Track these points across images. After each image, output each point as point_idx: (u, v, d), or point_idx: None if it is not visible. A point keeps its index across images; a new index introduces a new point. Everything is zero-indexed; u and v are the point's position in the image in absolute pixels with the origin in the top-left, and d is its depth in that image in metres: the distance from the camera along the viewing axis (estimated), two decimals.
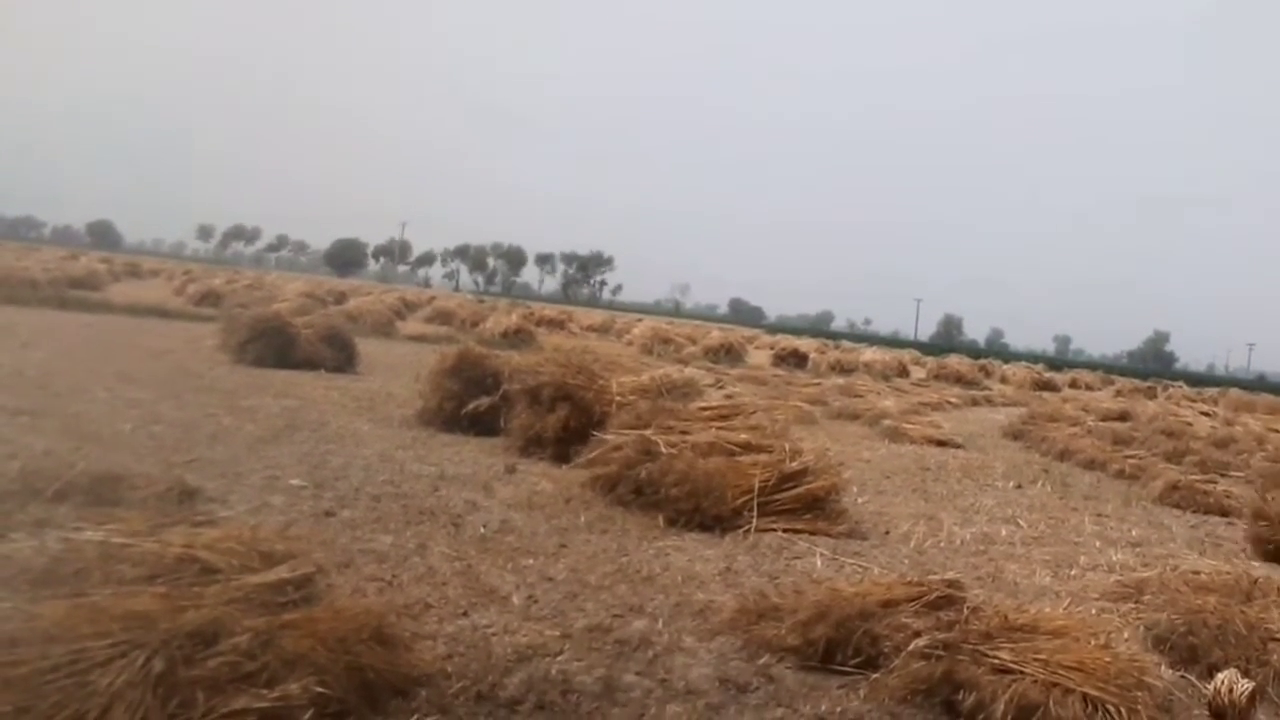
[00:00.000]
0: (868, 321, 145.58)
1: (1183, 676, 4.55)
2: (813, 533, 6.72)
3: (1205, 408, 31.77)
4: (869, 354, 38.28)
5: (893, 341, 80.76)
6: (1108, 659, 4.04)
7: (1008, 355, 75.22)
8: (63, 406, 8.40)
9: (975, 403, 24.29)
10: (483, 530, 5.99)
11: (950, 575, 5.26)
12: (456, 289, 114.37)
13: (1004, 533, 7.72)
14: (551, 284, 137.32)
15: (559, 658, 4.04)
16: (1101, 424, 17.98)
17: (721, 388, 9.87)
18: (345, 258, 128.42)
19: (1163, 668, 4.59)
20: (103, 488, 5.38)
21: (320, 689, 3.15)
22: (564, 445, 8.52)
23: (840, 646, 4.26)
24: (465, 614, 4.44)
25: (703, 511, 6.66)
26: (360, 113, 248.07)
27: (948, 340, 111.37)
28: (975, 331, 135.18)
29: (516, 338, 23.35)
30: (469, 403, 9.84)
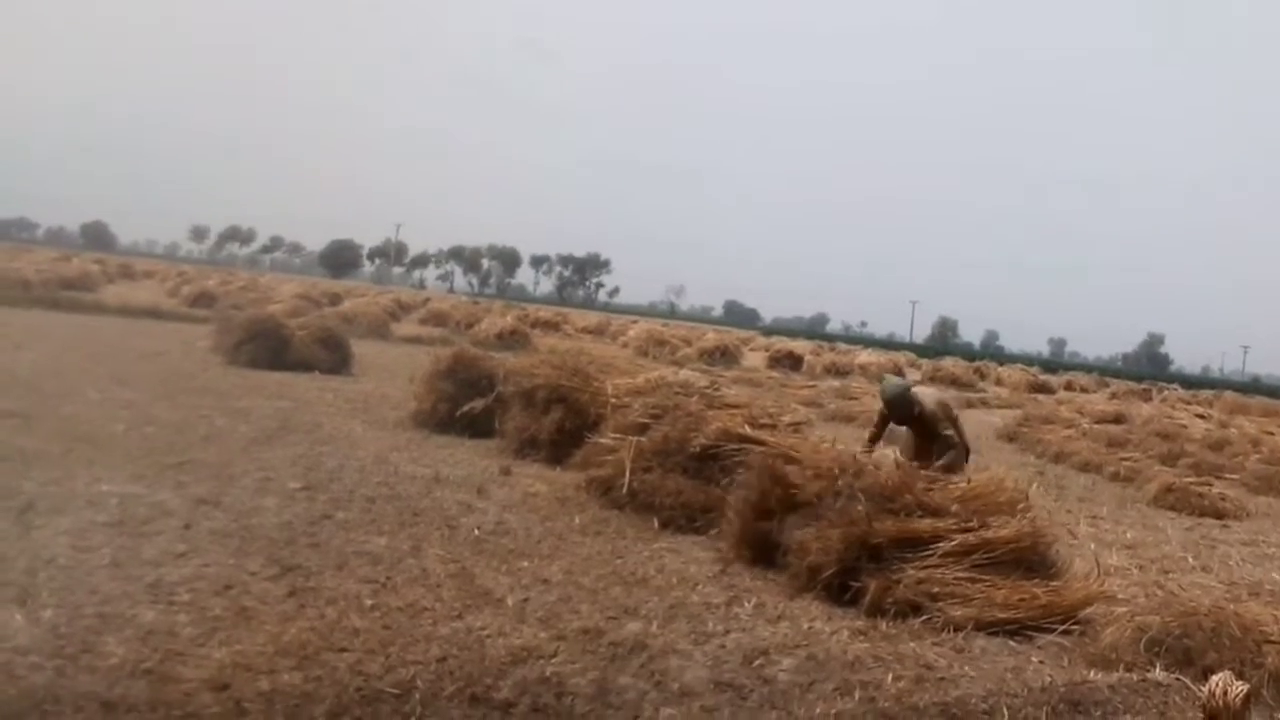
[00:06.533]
0: (863, 324, 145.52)
1: (1178, 679, 4.55)
2: None
3: (1200, 410, 31.80)
4: (864, 356, 38.29)
5: (888, 344, 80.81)
6: None
7: (1003, 357, 75.29)
8: (55, 408, 8.37)
9: (970, 405, 24.28)
10: (477, 532, 5.97)
11: None
12: (451, 290, 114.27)
13: None
14: (546, 285, 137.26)
15: (553, 660, 4.03)
16: (1096, 426, 18.01)
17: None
18: (340, 259, 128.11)
19: (1157, 669, 4.59)
20: None
21: None
22: (559, 447, 8.51)
23: None
24: (460, 616, 4.43)
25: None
26: (358, 108, 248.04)
27: (943, 342, 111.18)
28: (970, 334, 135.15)
29: (511, 339, 23.31)
30: (463, 405, 9.82)
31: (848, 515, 5.42)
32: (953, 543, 5.30)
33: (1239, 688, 4.01)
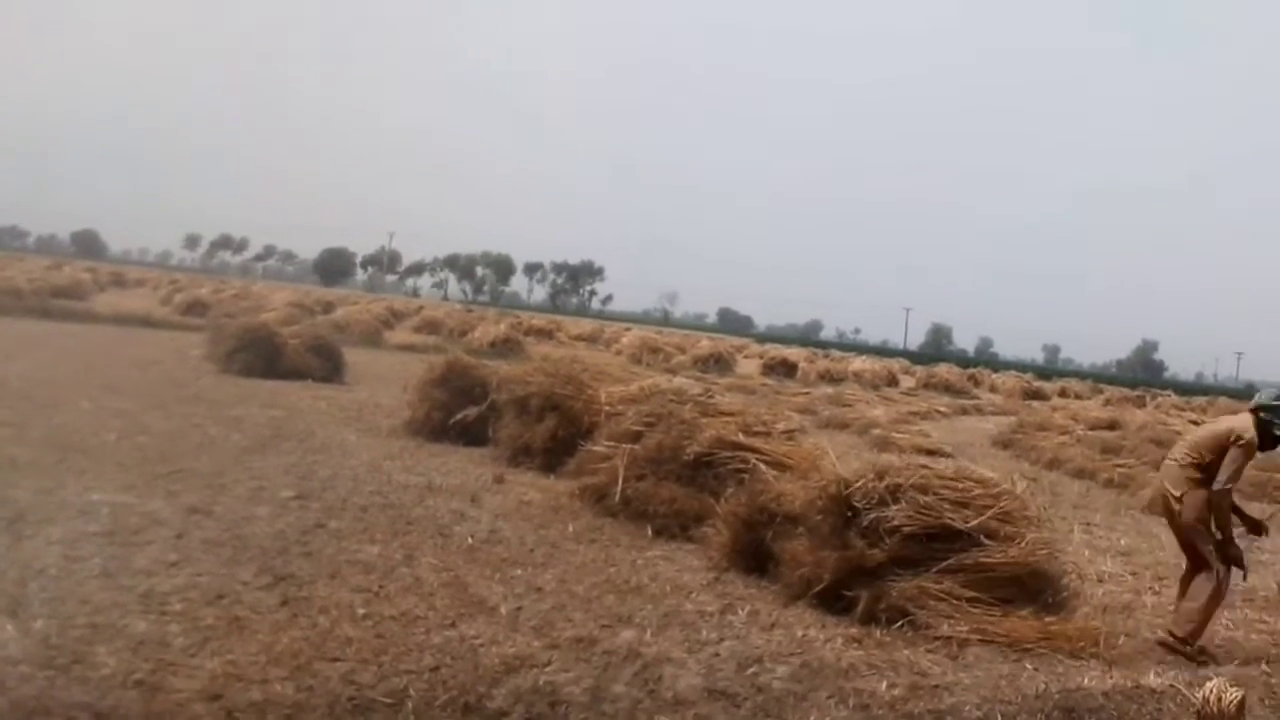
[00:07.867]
0: (857, 330, 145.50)
1: (1172, 685, 4.55)
2: None
3: (1194, 416, 31.88)
4: (858, 363, 38.40)
5: (882, 350, 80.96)
6: None
7: (997, 364, 75.30)
8: (47, 418, 8.33)
9: (964, 412, 24.37)
10: (470, 541, 5.96)
11: None
12: (445, 298, 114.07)
13: None
14: (540, 293, 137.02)
15: (547, 669, 4.02)
16: (1090, 433, 18.04)
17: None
18: (333, 267, 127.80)
19: (1152, 674, 4.60)
20: None
21: None
22: (552, 455, 8.50)
23: None
24: (453, 625, 4.41)
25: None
26: (351, 114, 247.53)
27: (937, 349, 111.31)
28: (964, 340, 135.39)
29: (505, 347, 23.32)
30: (457, 413, 9.81)
31: (843, 540, 5.33)
32: (948, 561, 5.25)
33: (1233, 694, 4.02)
